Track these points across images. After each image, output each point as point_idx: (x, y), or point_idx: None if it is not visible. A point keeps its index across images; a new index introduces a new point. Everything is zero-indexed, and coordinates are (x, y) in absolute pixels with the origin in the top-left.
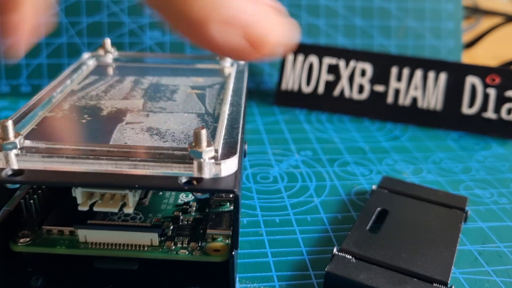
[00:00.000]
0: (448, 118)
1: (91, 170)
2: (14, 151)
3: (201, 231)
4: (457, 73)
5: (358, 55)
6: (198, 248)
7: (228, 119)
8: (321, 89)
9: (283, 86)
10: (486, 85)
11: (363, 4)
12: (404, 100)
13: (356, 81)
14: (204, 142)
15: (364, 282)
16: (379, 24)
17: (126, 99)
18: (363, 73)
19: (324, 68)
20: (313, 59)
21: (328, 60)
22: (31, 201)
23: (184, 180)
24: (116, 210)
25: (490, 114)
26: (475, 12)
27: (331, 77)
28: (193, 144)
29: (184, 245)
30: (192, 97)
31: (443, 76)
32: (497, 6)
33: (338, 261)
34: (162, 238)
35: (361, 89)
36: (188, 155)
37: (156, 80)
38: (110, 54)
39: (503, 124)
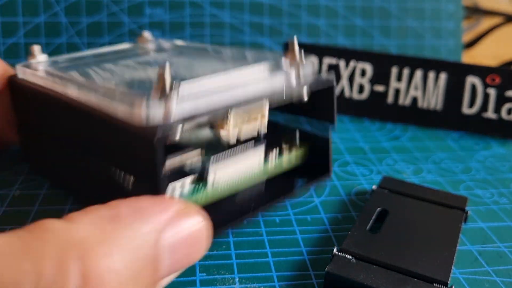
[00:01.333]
0: (448, 118)
1: (235, 98)
2: (178, 98)
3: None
4: (457, 73)
5: (358, 55)
6: (292, 150)
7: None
8: None
9: None
10: (486, 85)
11: (363, 4)
12: (404, 100)
13: (356, 81)
14: (298, 53)
15: (364, 282)
16: (379, 24)
17: (145, 69)
18: (363, 73)
19: (324, 68)
20: (313, 59)
21: (328, 60)
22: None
23: (294, 82)
24: (259, 124)
25: (490, 114)
26: (475, 12)
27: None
28: (288, 53)
29: (279, 154)
30: (189, 58)
31: (443, 76)
32: (497, 6)
33: (338, 261)
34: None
35: (361, 89)
36: (288, 64)
37: (133, 62)
38: (42, 60)
39: (503, 124)
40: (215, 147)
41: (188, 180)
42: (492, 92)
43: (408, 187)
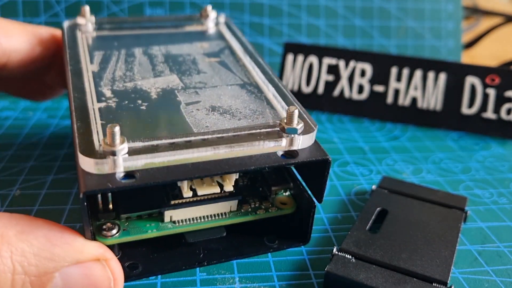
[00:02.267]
0: (448, 118)
1: (195, 159)
2: (123, 155)
3: (260, 189)
4: (457, 73)
5: (358, 55)
6: (271, 205)
7: (270, 87)
8: (321, 89)
9: None
10: (485, 85)
11: (363, 4)
12: (404, 100)
13: (355, 81)
14: (296, 120)
15: (364, 281)
16: (379, 24)
17: (159, 76)
18: (362, 73)
19: (324, 68)
20: (313, 59)
21: (327, 60)
22: (109, 193)
23: (281, 153)
24: (218, 191)
25: (489, 114)
26: (475, 12)
27: (330, 77)
28: (286, 121)
29: (256, 205)
30: (217, 67)
31: (442, 76)
32: (496, 6)
33: (338, 261)
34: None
35: (360, 89)
36: (279, 132)
37: (165, 50)
38: (89, 23)
39: (502, 124)
40: (176, 191)
41: (144, 214)
42: (491, 92)
43: (408, 187)
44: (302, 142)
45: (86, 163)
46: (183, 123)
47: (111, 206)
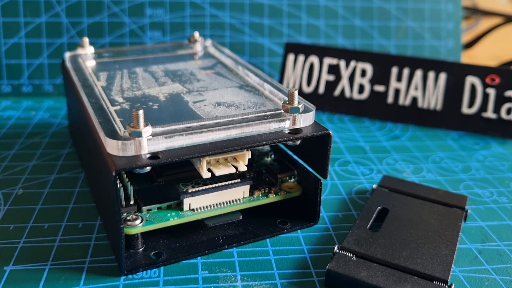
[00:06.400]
0: (448, 118)
1: (210, 140)
2: (147, 137)
3: (267, 179)
4: (457, 73)
5: (358, 55)
6: (279, 189)
7: (266, 85)
8: (321, 89)
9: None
10: (485, 85)
11: (363, 4)
12: (404, 100)
13: (356, 81)
14: (296, 100)
15: (364, 280)
16: (379, 25)
17: (163, 85)
18: (363, 73)
19: (325, 68)
20: (314, 59)
21: (328, 60)
22: (131, 187)
23: (287, 131)
24: (233, 171)
25: (489, 114)
26: (475, 12)
27: (331, 77)
28: (288, 102)
29: (266, 191)
30: (214, 76)
31: (443, 76)
32: (496, 6)
33: (339, 259)
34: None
35: (361, 89)
36: (282, 112)
37: (163, 68)
38: (89, 52)
39: (502, 123)
40: (194, 178)
41: (164, 204)
42: (491, 92)
43: (408, 186)
44: (304, 120)
45: (112, 146)
46: (194, 115)
47: (132, 201)
